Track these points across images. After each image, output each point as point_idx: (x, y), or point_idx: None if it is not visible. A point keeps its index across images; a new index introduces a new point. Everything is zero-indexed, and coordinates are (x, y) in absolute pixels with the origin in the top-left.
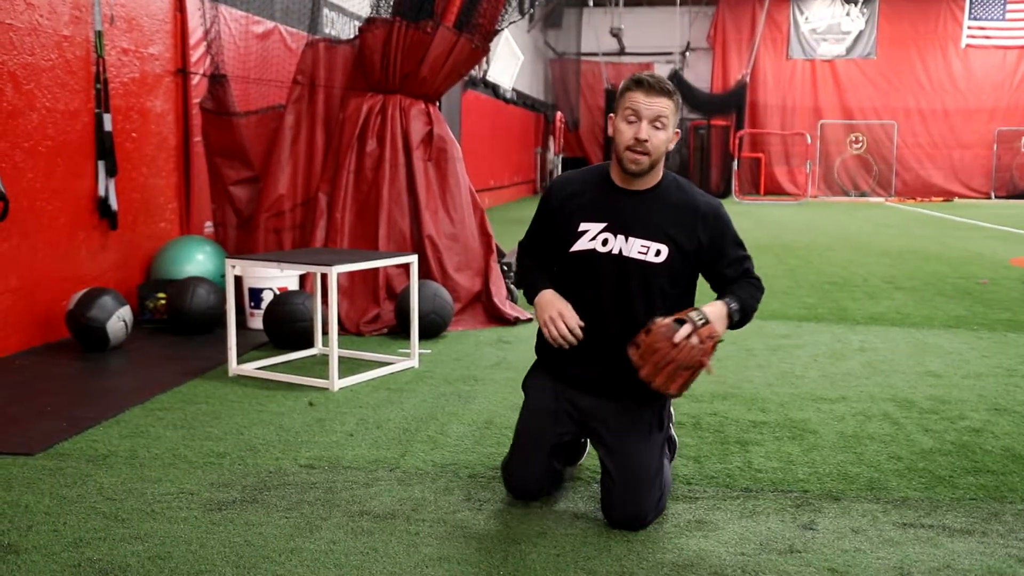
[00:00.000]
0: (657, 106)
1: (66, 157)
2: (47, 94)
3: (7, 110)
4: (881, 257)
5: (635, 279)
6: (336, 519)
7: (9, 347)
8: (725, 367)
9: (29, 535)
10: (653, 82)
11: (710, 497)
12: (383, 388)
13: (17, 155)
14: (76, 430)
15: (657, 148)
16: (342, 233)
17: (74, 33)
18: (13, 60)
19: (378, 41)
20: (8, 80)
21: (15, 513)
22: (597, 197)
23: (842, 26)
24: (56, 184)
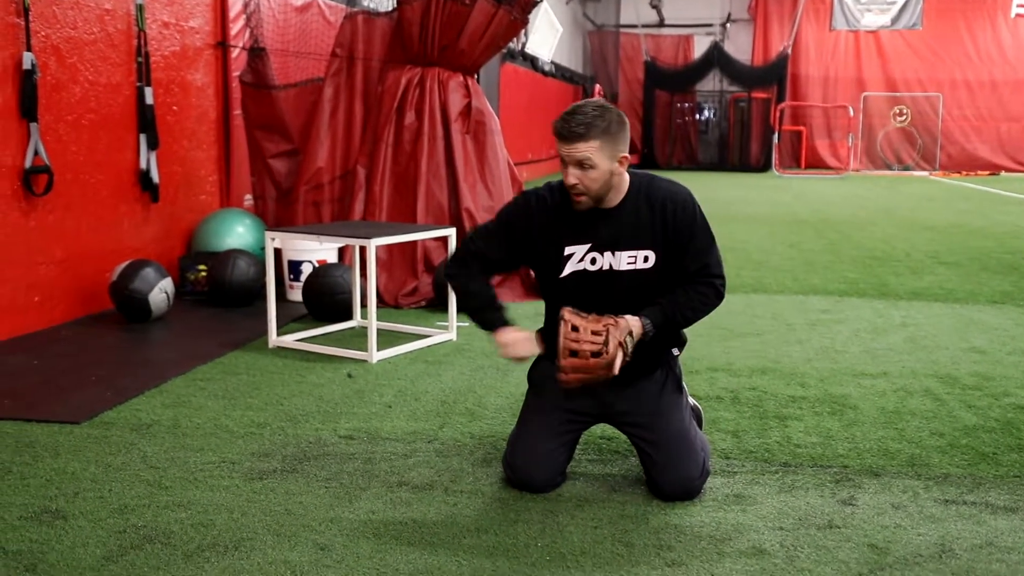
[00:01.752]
0: (577, 152)
1: (108, 130)
2: (89, 67)
3: (51, 83)
4: (924, 231)
5: (632, 288)
6: (375, 489)
7: (55, 318)
8: (765, 341)
9: (76, 501)
10: (566, 131)
11: (748, 472)
12: (421, 360)
13: (61, 128)
14: (120, 399)
15: (590, 187)
16: (380, 206)
17: (115, 7)
18: (56, 34)
19: (417, 13)
20: (52, 54)
21: (62, 480)
22: (575, 219)
23: None
24: (99, 157)
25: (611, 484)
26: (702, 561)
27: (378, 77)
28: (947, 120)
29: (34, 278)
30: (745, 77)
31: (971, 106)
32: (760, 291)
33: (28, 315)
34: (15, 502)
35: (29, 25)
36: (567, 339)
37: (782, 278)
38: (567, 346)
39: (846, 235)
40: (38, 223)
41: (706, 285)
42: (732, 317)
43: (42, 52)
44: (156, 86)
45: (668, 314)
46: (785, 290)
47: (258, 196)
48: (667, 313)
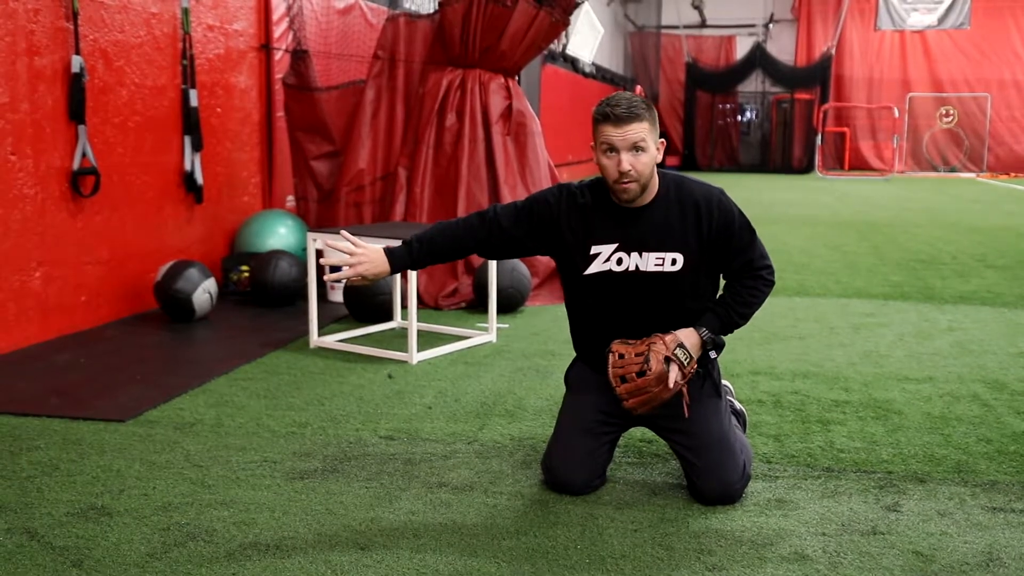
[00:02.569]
0: (631, 134)
1: (154, 132)
2: (136, 70)
3: (98, 86)
4: (971, 234)
5: (658, 290)
6: (415, 490)
7: (101, 317)
8: (807, 345)
9: (121, 498)
10: (620, 112)
11: (790, 476)
12: (461, 362)
13: (107, 130)
14: (164, 398)
15: (643, 172)
16: (421, 207)
17: (162, 10)
18: (104, 38)
19: (458, 15)
20: (99, 57)
21: (108, 477)
22: (604, 219)
23: None
24: (144, 159)
25: (651, 487)
26: (743, 566)
27: (419, 79)
28: (995, 121)
29: (81, 278)
30: (788, 78)
31: (1020, 107)
32: (803, 294)
33: (75, 314)
34: (62, 499)
35: (78, 29)
36: (614, 368)
37: (825, 281)
38: (615, 374)
39: (890, 238)
40: (85, 224)
41: (753, 278)
42: (774, 320)
43: (90, 55)
44: (201, 88)
45: (723, 316)
46: (828, 293)
47: (300, 197)
48: (721, 316)
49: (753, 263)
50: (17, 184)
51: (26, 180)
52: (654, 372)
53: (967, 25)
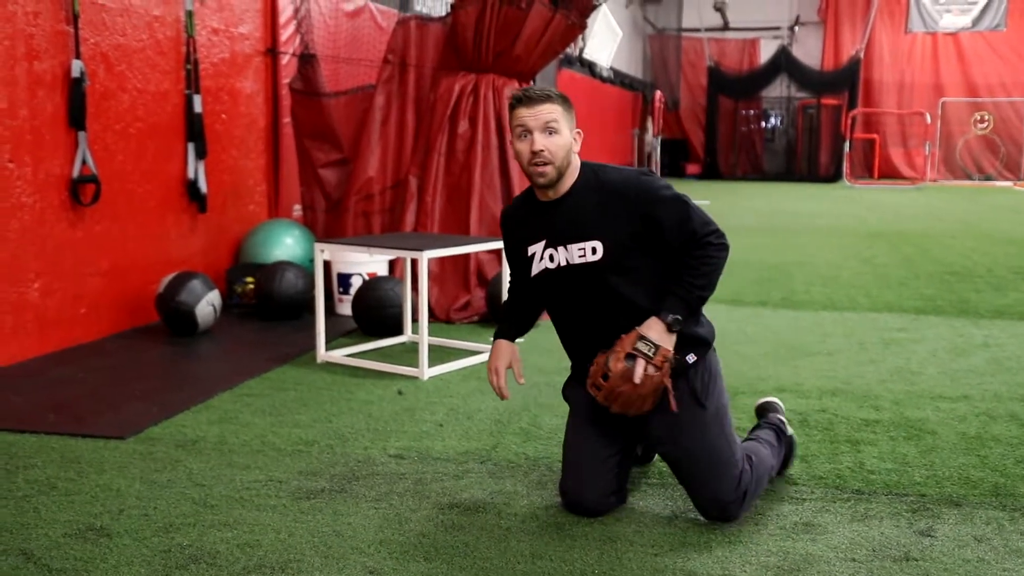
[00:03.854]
0: (543, 114)
1: (156, 139)
2: (138, 75)
3: (99, 92)
4: (1008, 245)
5: (590, 283)
6: (426, 511)
7: (101, 330)
8: (835, 361)
9: (120, 519)
10: (532, 93)
11: (818, 499)
12: (474, 377)
13: (108, 137)
14: (166, 415)
15: (556, 154)
16: (432, 217)
17: (165, 13)
18: (105, 41)
19: (471, 18)
20: (100, 61)
21: (107, 496)
22: (530, 218)
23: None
24: (146, 166)
25: (672, 509)
26: None
27: (431, 84)
28: None
29: (80, 289)
30: (814, 83)
31: None
32: (830, 308)
33: (74, 327)
34: (60, 519)
35: (78, 32)
36: (589, 379)
37: (854, 294)
38: (590, 384)
39: (923, 249)
40: (85, 233)
41: (701, 247)
42: (800, 335)
43: (91, 60)
44: (205, 94)
45: (683, 294)
46: (857, 307)
47: (307, 207)
48: (681, 294)
49: (696, 233)
50: (15, 193)
51: (24, 188)
52: (616, 372)
53: (1003, 27)
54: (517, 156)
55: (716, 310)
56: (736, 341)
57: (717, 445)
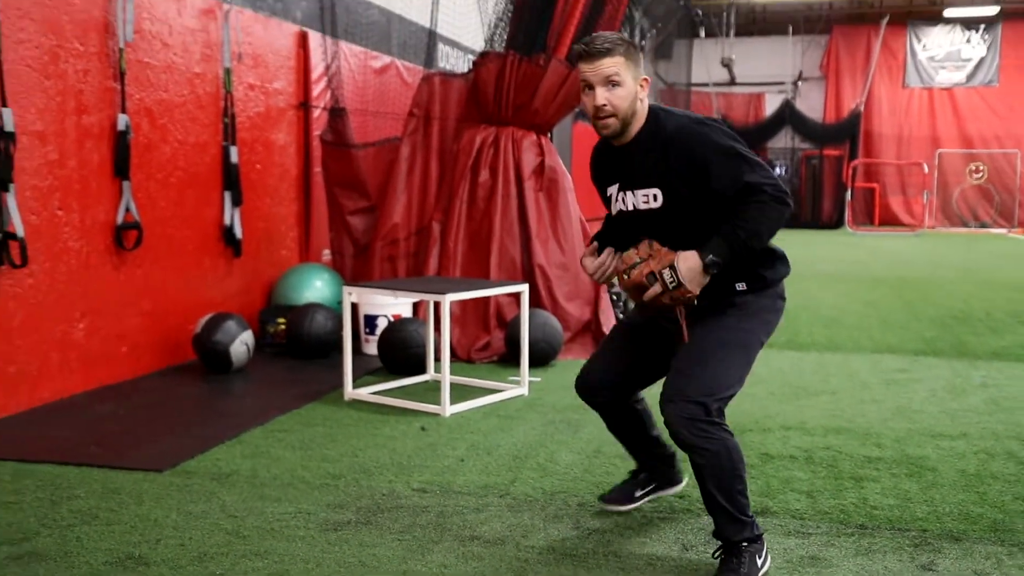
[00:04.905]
0: (604, 68)
1: (195, 187)
2: (179, 128)
3: (143, 143)
4: (1004, 290)
5: (655, 227)
6: (447, 543)
7: (140, 368)
8: (839, 400)
9: (158, 548)
10: (593, 48)
11: (823, 533)
12: (493, 415)
13: (151, 186)
14: (201, 449)
15: (619, 106)
16: (455, 261)
17: (205, 70)
18: (149, 96)
19: (491, 74)
20: (144, 115)
21: (145, 526)
22: (608, 160)
23: (962, 53)
24: (186, 213)
25: (683, 544)
26: None
27: (453, 136)
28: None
29: (122, 329)
30: (817, 134)
31: None
32: (833, 349)
33: (116, 365)
34: (100, 547)
35: (124, 88)
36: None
37: (857, 336)
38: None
39: (922, 293)
40: (127, 276)
41: (755, 196)
42: (805, 376)
43: (135, 114)
44: (241, 145)
45: (728, 235)
46: (860, 348)
47: (336, 251)
48: (726, 235)
49: (751, 184)
50: (63, 238)
51: (72, 234)
52: (630, 281)
53: (995, 82)
54: (583, 108)
55: None
56: None
57: (716, 355)
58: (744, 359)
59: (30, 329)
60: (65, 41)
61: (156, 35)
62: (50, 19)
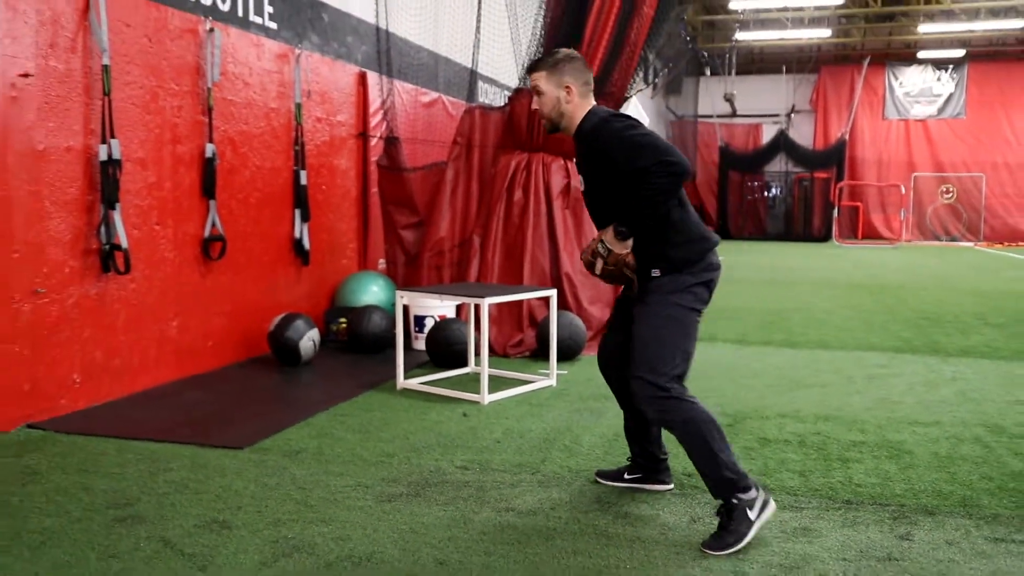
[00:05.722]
0: (532, 81)
1: (270, 206)
2: (256, 155)
3: (226, 168)
4: (972, 296)
5: (592, 205)
6: (486, 513)
7: (223, 360)
8: (828, 392)
9: (238, 514)
10: (526, 68)
11: (814, 508)
12: (526, 403)
13: (233, 204)
14: (275, 430)
15: (544, 110)
16: (492, 270)
17: (279, 105)
18: (232, 128)
19: (524, 108)
20: (228, 144)
21: (228, 495)
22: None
23: (933, 90)
24: (262, 228)
25: (691, 515)
26: None
27: (492, 161)
28: (989, 197)
29: (208, 327)
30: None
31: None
32: (823, 347)
33: (203, 357)
34: (191, 512)
35: (212, 122)
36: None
37: (843, 336)
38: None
39: (900, 298)
40: (213, 282)
41: (646, 179)
42: (798, 370)
43: (221, 143)
44: (309, 169)
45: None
46: (845, 346)
47: (390, 261)
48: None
49: (645, 170)
50: (160, 249)
51: (167, 246)
52: (584, 263)
53: (963, 115)
54: None
55: (727, 348)
56: (744, 375)
57: (649, 336)
58: (678, 332)
59: (132, 327)
60: (163, 82)
61: (238, 76)
62: (151, 64)
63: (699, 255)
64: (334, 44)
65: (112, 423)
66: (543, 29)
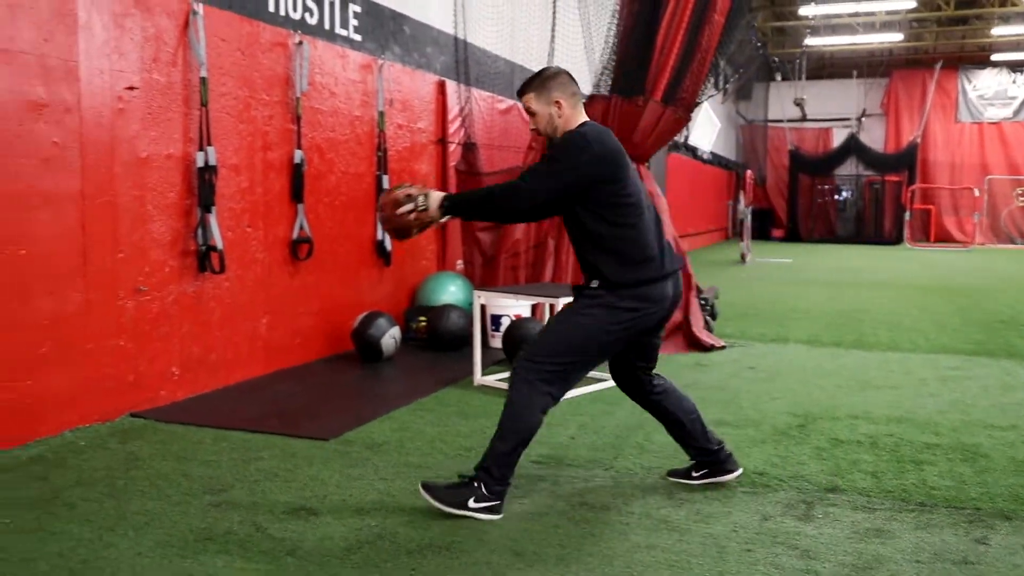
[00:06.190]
0: (523, 103)
1: (354, 210)
2: (342, 161)
3: (314, 174)
4: None
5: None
6: (560, 507)
7: (310, 356)
8: (900, 394)
9: (325, 502)
10: (518, 92)
11: (887, 509)
12: (599, 400)
13: (319, 208)
14: (358, 423)
15: (540, 127)
16: (566, 270)
17: (363, 113)
18: (319, 135)
19: (597, 113)
20: (315, 151)
21: (315, 484)
22: None
23: (1008, 92)
24: (346, 231)
25: (763, 514)
26: None
27: None
28: None
29: (297, 325)
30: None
31: None
32: (894, 349)
33: (292, 353)
34: (280, 499)
35: (300, 129)
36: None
37: (914, 338)
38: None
39: (974, 301)
40: (301, 282)
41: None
42: (869, 371)
43: (308, 149)
44: (391, 174)
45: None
46: (917, 349)
47: (467, 261)
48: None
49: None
50: (251, 250)
51: (258, 247)
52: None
53: None
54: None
55: (798, 348)
56: (815, 375)
57: (546, 332)
58: (578, 336)
59: (226, 324)
60: (255, 93)
61: (325, 86)
62: (245, 76)
63: (633, 282)
64: (415, 54)
65: (208, 414)
66: (615, 37)
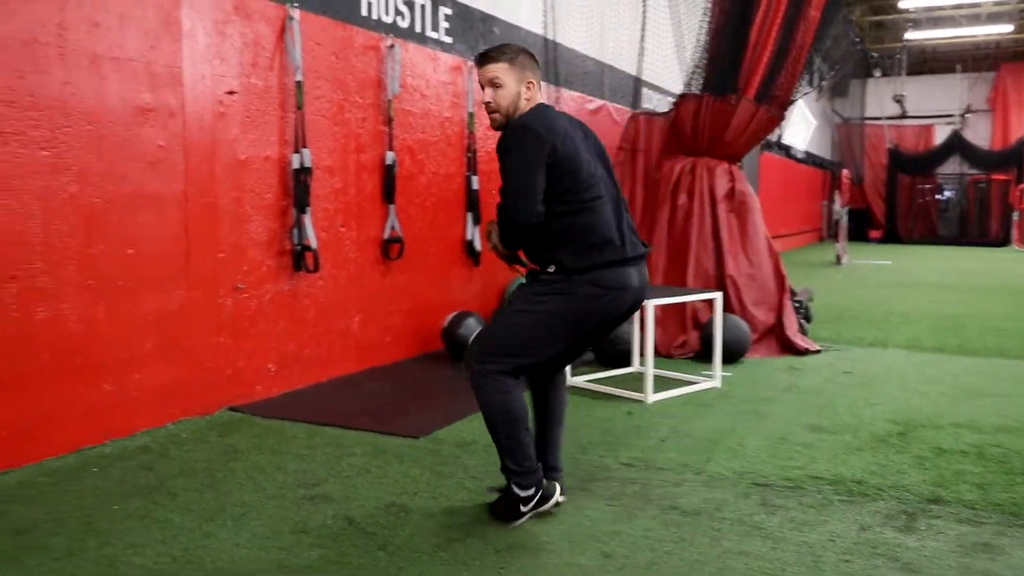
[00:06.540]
0: (489, 72)
1: (444, 210)
2: (432, 162)
3: (405, 175)
4: None
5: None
6: (650, 511)
7: (401, 354)
8: (1009, 402)
9: (415, 499)
10: (483, 56)
11: (996, 523)
12: (690, 403)
13: (410, 208)
14: (448, 421)
15: (501, 104)
16: (657, 271)
17: (453, 115)
18: (410, 137)
19: (689, 113)
20: (407, 152)
21: (406, 481)
22: None
23: None
24: (437, 231)
25: (861, 523)
26: None
27: (655, 166)
28: None
29: (388, 323)
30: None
31: None
32: (1002, 356)
33: (383, 351)
34: (372, 495)
35: (392, 131)
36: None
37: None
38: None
39: None
40: (392, 281)
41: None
42: (974, 378)
43: (400, 151)
44: (480, 175)
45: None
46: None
47: None
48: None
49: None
50: (345, 250)
51: (351, 247)
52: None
53: None
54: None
55: (898, 353)
56: (917, 381)
57: (496, 323)
58: (532, 325)
59: (320, 322)
60: (349, 96)
61: (416, 88)
62: (339, 79)
63: (588, 265)
64: None
65: (302, 409)
66: (707, 35)
